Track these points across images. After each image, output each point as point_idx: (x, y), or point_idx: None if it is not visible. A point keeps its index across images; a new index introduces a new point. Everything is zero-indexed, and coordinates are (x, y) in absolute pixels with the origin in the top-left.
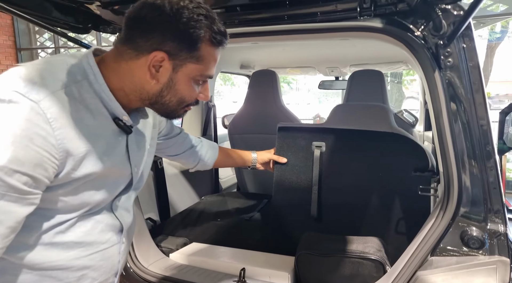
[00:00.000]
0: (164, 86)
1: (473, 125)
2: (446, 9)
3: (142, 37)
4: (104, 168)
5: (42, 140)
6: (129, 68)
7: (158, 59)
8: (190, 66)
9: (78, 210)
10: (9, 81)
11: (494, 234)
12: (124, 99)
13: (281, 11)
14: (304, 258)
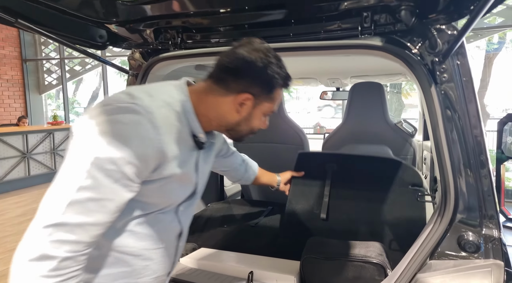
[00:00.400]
0: (243, 119)
1: (467, 136)
2: (440, 28)
3: (234, 81)
4: (181, 172)
5: (149, 142)
6: (216, 102)
7: (244, 98)
8: (265, 104)
9: (157, 205)
10: (127, 96)
11: (489, 238)
12: (204, 123)
13: (287, 29)
14: (309, 261)
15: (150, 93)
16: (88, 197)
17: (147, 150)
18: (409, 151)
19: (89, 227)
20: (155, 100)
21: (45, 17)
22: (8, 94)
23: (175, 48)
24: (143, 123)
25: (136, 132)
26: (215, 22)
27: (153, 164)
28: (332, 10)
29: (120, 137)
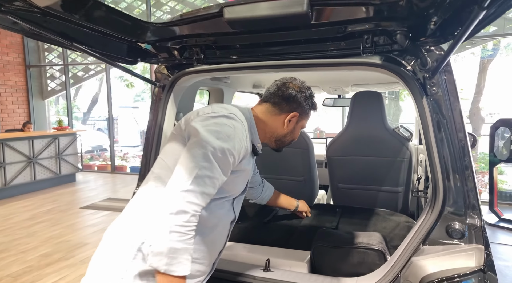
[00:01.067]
0: (289, 131)
1: (453, 141)
2: (430, 49)
3: (286, 103)
4: (247, 168)
5: (243, 141)
6: (273, 119)
7: (293, 116)
8: (304, 121)
9: (227, 192)
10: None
11: (472, 227)
12: (261, 136)
13: (298, 47)
14: (319, 249)
15: (238, 112)
16: (206, 174)
17: (242, 145)
18: (406, 153)
19: (205, 196)
20: (241, 114)
21: (92, 40)
22: (12, 100)
23: (198, 63)
24: (240, 127)
25: (237, 133)
26: (233, 41)
27: (242, 155)
28: (338, 32)
29: (228, 136)
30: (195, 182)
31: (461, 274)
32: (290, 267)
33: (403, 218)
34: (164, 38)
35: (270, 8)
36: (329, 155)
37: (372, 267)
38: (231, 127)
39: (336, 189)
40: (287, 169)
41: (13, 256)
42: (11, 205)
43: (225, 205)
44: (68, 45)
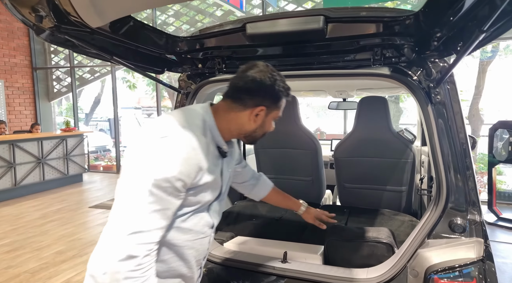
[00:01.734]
0: (258, 126)
1: (455, 144)
2: (435, 61)
3: (249, 98)
4: (212, 179)
5: (191, 161)
6: (236, 116)
7: (259, 110)
8: (274, 112)
9: (194, 205)
10: (169, 125)
11: (473, 222)
12: (226, 135)
13: (313, 59)
14: (332, 243)
15: (184, 121)
16: (154, 209)
17: (190, 167)
18: (410, 155)
19: (157, 231)
20: (189, 126)
21: (128, 53)
22: (19, 102)
23: (219, 72)
24: (185, 147)
25: (181, 155)
26: (252, 52)
27: (194, 177)
28: (350, 45)
29: (170, 161)
30: (142, 221)
31: (462, 264)
32: (306, 259)
33: (407, 218)
34: (190, 50)
35: (289, 24)
36: (336, 156)
37: (381, 259)
38: (173, 150)
39: (342, 188)
40: (296, 169)
41: (29, 253)
42: (21, 204)
43: (198, 215)
44: (109, 58)
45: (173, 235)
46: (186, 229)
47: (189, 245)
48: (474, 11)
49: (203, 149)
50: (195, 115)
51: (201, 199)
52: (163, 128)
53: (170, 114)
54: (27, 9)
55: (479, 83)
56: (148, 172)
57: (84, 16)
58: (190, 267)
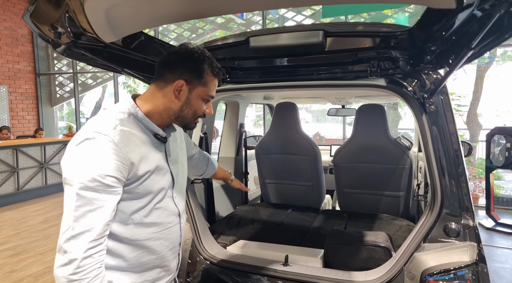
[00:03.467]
0: (183, 104)
1: (449, 151)
2: (429, 73)
3: (169, 72)
4: (153, 166)
5: (115, 156)
6: (161, 95)
7: (180, 85)
8: (199, 88)
9: (147, 196)
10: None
11: (466, 226)
12: (158, 120)
13: (312, 70)
14: (332, 246)
15: (106, 119)
16: (86, 210)
17: (117, 162)
18: (407, 161)
19: (94, 230)
20: (110, 123)
21: (136, 64)
22: (22, 107)
23: (223, 82)
24: (106, 144)
25: (104, 152)
26: (255, 63)
27: (125, 170)
28: (348, 58)
29: (94, 160)
30: (76, 225)
31: (456, 267)
32: (306, 263)
33: (404, 222)
34: None
35: (290, 38)
36: (335, 161)
37: (379, 262)
38: (95, 149)
39: (342, 193)
40: (297, 174)
41: (32, 257)
42: (24, 209)
43: (161, 206)
44: (120, 70)
45: (136, 231)
46: (149, 223)
47: (155, 237)
48: (463, 29)
49: (130, 141)
50: (117, 112)
51: (151, 188)
52: (84, 132)
53: (94, 117)
54: (46, 27)
55: (477, 89)
56: (73, 176)
57: (99, 32)
58: (163, 257)
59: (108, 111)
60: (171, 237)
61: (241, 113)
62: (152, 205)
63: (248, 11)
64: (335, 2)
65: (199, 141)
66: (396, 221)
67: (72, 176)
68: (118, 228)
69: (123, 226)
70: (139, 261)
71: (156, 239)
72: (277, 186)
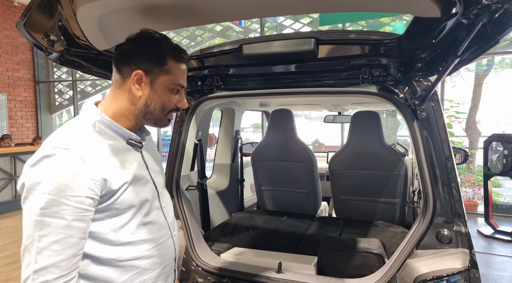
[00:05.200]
0: (148, 97)
1: (440, 158)
2: (419, 80)
3: (125, 65)
4: (130, 177)
5: (83, 173)
6: (122, 93)
7: (138, 77)
8: (163, 77)
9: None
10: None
11: (458, 233)
12: (127, 123)
13: (305, 77)
14: (326, 253)
15: (66, 132)
16: (51, 241)
17: (83, 179)
18: (402, 168)
19: (63, 263)
20: (72, 136)
21: None
22: (21, 115)
23: (217, 89)
24: (70, 160)
25: (68, 170)
26: (249, 70)
27: (96, 187)
28: (340, 65)
29: (56, 181)
30: (41, 257)
31: (449, 274)
32: (300, 270)
33: (400, 229)
34: (190, 69)
35: (282, 45)
36: (331, 168)
37: (372, 269)
38: (60, 168)
39: (338, 200)
40: (292, 181)
41: None
42: (21, 217)
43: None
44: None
45: (124, 252)
46: (138, 240)
47: (147, 255)
48: (450, 36)
49: (100, 153)
50: (79, 122)
51: (132, 201)
52: (42, 149)
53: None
54: (40, 34)
55: (475, 96)
56: (33, 200)
57: (92, 40)
58: (157, 277)
59: (70, 123)
60: (165, 253)
61: (236, 120)
62: (138, 220)
63: (239, 19)
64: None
65: (193, 148)
66: (391, 228)
67: (32, 201)
68: (103, 251)
69: (108, 247)
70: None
71: (148, 257)
72: (273, 193)
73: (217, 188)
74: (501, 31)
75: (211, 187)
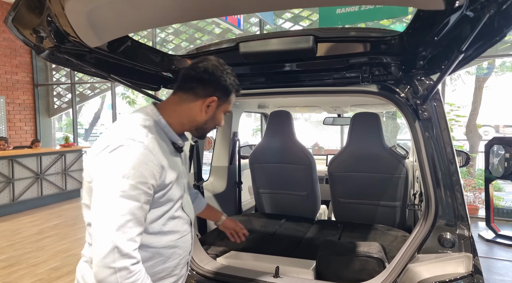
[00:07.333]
0: (209, 118)
1: (443, 159)
2: (421, 79)
3: (202, 88)
4: (175, 176)
5: (151, 163)
6: (188, 107)
7: (211, 101)
8: (224, 105)
9: (167, 204)
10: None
11: (462, 237)
12: (179, 128)
13: (304, 76)
14: (324, 257)
15: (134, 126)
16: (127, 220)
17: (153, 169)
18: (402, 170)
19: (135, 236)
20: (140, 130)
21: (124, 71)
22: (19, 118)
23: None
24: (143, 151)
25: (140, 160)
26: (246, 70)
27: (158, 176)
28: (339, 64)
29: (132, 168)
30: (119, 233)
31: (452, 279)
32: (298, 274)
33: (400, 233)
34: (184, 67)
35: (280, 43)
36: (330, 171)
37: (373, 273)
38: (132, 157)
39: (337, 203)
40: (291, 184)
41: (24, 269)
42: (19, 220)
43: (176, 216)
44: (106, 76)
45: (154, 240)
46: (167, 231)
47: (171, 245)
48: (453, 32)
49: (160, 148)
50: (144, 119)
51: (172, 197)
52: (117, 139)
53: (120, 123)
54: (28, 31)
55: (476, 99)
56: (115, 182)
57: (83, 37)
58: (176, 266)
59: (131, 118)
60: (185, 245)
61: (234, 122)
62: (171, 213)
63: (233, 14)
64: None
65: (189, 149)
66: (392, 231)
67: (113, 183)
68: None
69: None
70: (153, 270)
71: (172, 247)
72: (271, 196)
73: (214, 190)
74: (509, 24)
75: (208, 190)
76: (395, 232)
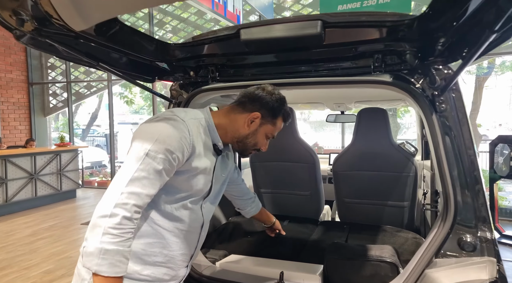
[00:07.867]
0: (251, 133)
1: (463, 155)
2: (438, 68)
3: (250, 104)
4: (203, 166)
5: (185, 139)
6: (235, 118)
7: (255, 116)
8: (268, 126)
9: (186, 191)
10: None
11: (483, 239)
12: (222, 135)
13: (309, 66)
14: (332, 261)
15: (185, 112)
16: (143, 176)
17: (184, 144)
18: (412, 168)
19: (143, 196)
20: (188, 115)
21: (115, 59)
22: (14, 117)
23: (212, 81)
24: (181, 127)
25: (177, 132)
26: (247, 60)
27: (186, 154)
28: (349, 52)
29: (167, 136)
30: (130, 184)
31: None
32: (303, 280)
33: (410, 235)
34: (182, 58)
35: (285, 29)
36: (335, 169)
37: (385, 279)
38: (171, 127)
39: (342, 203)
40: (294, 183)
41: (16, 273)
42: (12, 221)
43: (191, 207)
44: (95, 64)
45: (163, 219)
46: (177, 217)
47: (175, 232)
48: (481, 12)
49: (201, 138)
50: (198, 113)
51: (193, 185)
52: (170, 114)
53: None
54: (7, 12)
55: (476, 99)
56: (146, 142)
57: (67, 19)
58: (173, 258)
59: (192, 110)
60: (188, 242)
61: None
62: (185, 202)
63: None
64: None
65: None
66: (401, 233)
67: (144, 142)
68: (149, 208)
69: (154, 209)
70: (150, 249)
71: (175, 235)
72: (273, 196)
73: None
74: None
75: None
76: (405, 233)
